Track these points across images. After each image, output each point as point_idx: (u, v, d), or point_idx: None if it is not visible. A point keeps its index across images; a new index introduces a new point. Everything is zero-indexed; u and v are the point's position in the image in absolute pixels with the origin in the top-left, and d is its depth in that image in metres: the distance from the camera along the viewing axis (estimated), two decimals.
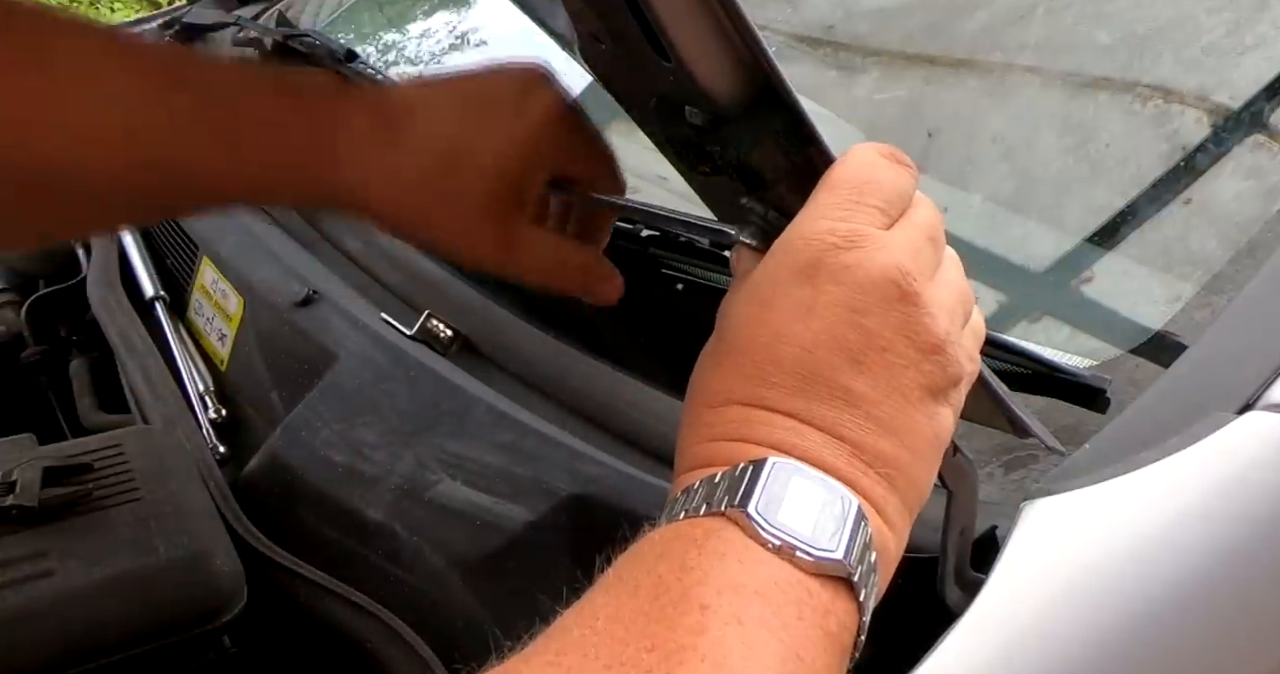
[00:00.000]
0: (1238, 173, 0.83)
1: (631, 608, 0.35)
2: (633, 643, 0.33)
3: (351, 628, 0.71)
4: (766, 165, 0.45)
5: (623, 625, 0.34)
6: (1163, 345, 0.72)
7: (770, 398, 0.41)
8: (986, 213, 0.92)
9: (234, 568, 0.72)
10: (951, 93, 1.05)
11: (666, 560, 0.36)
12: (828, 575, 0.37)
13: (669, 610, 0.34)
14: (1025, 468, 0.64)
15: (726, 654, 0.33)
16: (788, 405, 0.40)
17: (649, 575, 0.36)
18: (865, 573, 0.38)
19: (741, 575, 0.36)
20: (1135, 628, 0.53)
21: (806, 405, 0.40)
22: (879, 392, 0.41)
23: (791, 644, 0.35)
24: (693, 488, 0.40)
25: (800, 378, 0.40)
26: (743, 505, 0.37)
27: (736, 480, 0.38)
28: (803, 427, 0.40)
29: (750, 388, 0.41)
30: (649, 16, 0.41)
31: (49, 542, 0.70)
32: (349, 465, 0.78)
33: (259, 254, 0.96)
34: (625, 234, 0.80)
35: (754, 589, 0.35)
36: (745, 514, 0.37)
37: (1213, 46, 0.93)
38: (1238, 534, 0.55)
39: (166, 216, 0.66)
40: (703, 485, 0.39)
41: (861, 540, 0.38)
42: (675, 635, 0.34)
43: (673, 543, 0.37)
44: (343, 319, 0.86)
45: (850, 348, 0.40)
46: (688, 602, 0.35)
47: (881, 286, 0.41)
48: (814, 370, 0.40)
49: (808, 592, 0.37)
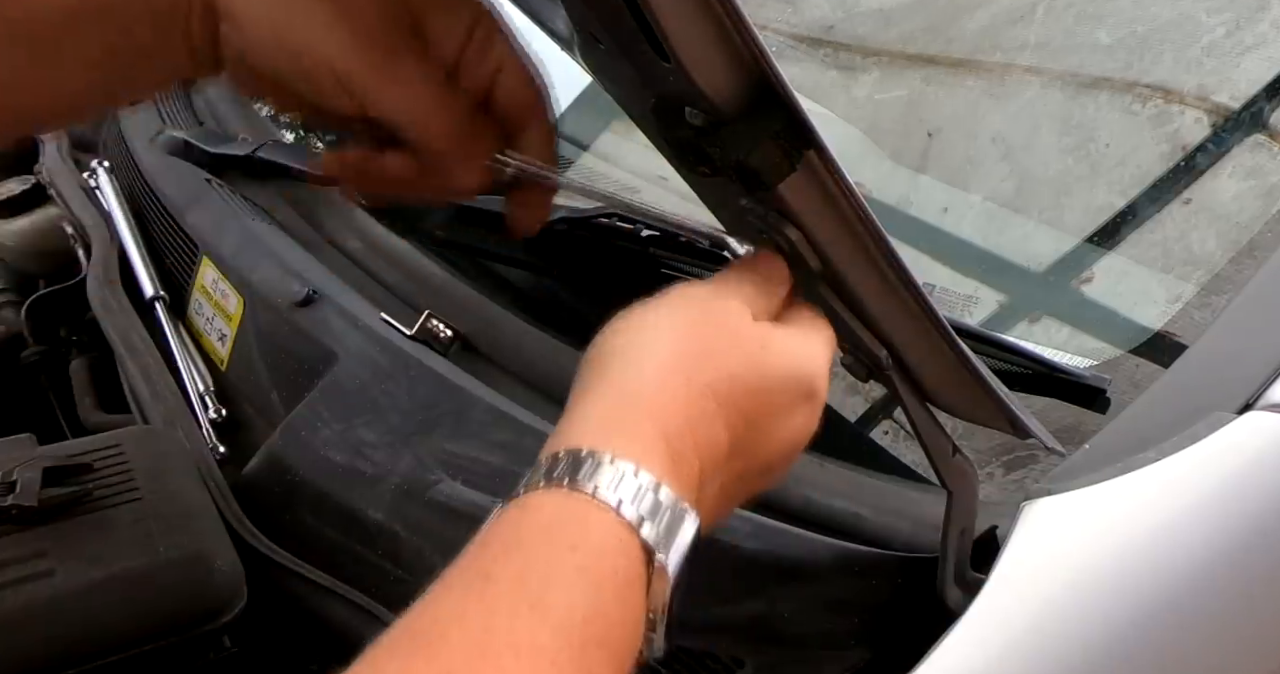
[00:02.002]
0: (1238, 173, 0.83)
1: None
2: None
3: (351, 628, 0.71)
4: (766, 166, 0.45)
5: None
6: (1163, 345, 0.72)
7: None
8: (986, 213, 0.92)
9: (234, 568, 0.72)
10: (951, 93, 1.05)
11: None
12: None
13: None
14: (1025, 468, 0.64)
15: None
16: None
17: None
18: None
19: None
20: (1135, 628, 0.53)
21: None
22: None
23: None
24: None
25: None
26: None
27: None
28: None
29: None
30: (649, 17, 0.41)
31: (49, 542, 0.70)
32: (349, 465, 0.78)
33: (259, 254, 0.96)
34: (625, 234, 0.80)
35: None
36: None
37: (1213, 46, 0.93)
38: (1238, 534, 0.55)
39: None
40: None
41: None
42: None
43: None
44: (343, 319, 0.86)
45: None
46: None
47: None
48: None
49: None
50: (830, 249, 0.49)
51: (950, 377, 0.52)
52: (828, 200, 0.47)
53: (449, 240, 1.01)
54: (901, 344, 0.51)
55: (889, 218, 0.86)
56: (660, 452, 0.42)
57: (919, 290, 0.48)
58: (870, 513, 0.63)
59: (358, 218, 1.01)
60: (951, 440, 0.54)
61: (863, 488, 0.65)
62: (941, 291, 0.85)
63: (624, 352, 0.46)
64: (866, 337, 0.51)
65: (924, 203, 0.95)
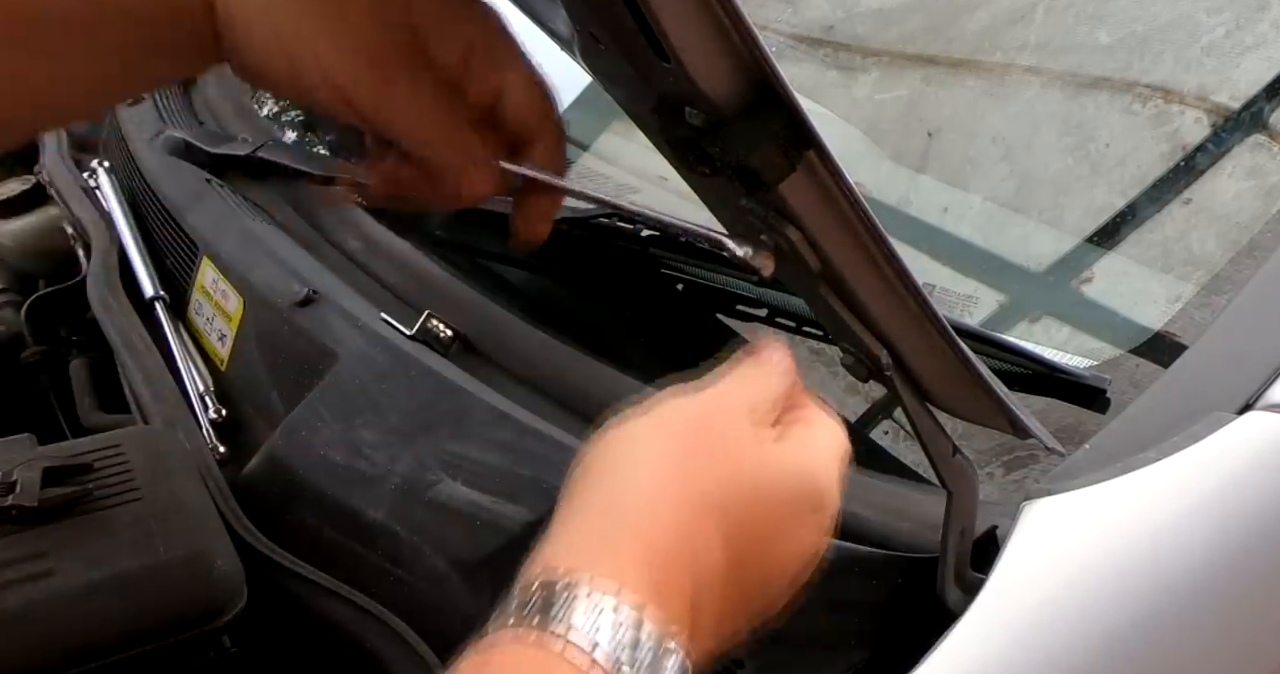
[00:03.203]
0: (1238, 173, 0.83)
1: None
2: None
3: (351, 628, 0.71)
4: (766, 166, 0.45)
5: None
6: (1163, 345, 0.72)
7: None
8: (986, 213, 0.92)
9: (234, 568, 0.72)
10: (951, 93, 1.05)
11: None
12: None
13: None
14: (1025, 468, 0.64)
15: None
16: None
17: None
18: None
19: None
20: (1135, 628, 0.53)
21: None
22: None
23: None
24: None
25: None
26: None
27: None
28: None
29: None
30: (648, 17, 0.41)
31: (49, 542, 0.70)
32: (349, 465, 0.78)
33: (259, 254, 0.96)
34: (625, 234, 0.80)
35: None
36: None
37: (1213, 46, 0.93)
38: (1238, 534, 0.55)
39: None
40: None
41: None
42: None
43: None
44: (343, 319, 0.86)
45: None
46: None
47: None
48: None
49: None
50: (830, 249, 0.49)
51: (950, 377, 0.52)
52: (828, 200, 0.47)
53: (449, 240, 1.01)
54: (901, 344, 0.51)
55: (889, 218, 0.86)
56: (645, 578, 0.39)
57: (919, 290, 0.48)
58: (870, 513, 0.63)
59: (358, 218, 1.01)
60: (951, 440, 0.54)
61: (863, 488, 0.65)
62: (941, 291, 0.86)
63: (614, 464, 0.44)
64: (866, 337, 0.51)
65: (924, 203, 0.95)
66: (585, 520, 0.42)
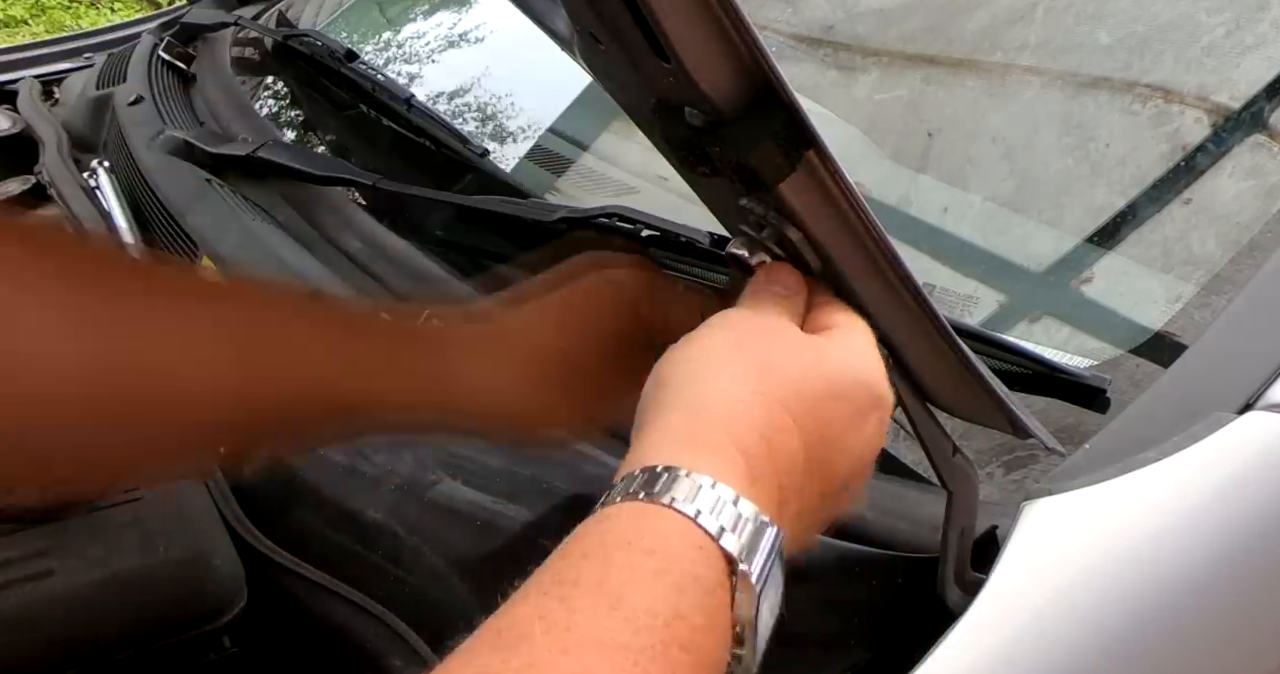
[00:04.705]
0: (1238, 173, 0.83)
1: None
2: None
3: (351, 628, 0.71)
4: (766, 166, 0.45)
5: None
6: (1163, 345, 0.72)
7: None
8: (986, 213, 0.92)
9: (234, 568, 0.72)
10: (951, 93, 1.05)
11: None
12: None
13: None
14: (1025, 468, 0.64)
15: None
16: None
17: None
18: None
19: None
20: (1135, 628, 0.53)
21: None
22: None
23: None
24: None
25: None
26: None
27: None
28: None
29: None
30: (649, 17, 0.41)
31: (49, 542, 0.70)
32: (349, 465, 0.77)
33: (259, 254, 0.96)
34: (625, 234, 0.80)
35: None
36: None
37: (1213, 46, 0.93)
38: (1238, 534, 0.55)
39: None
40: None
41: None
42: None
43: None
44: None
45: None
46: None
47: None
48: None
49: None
50: (830, 249, 0.49)
51: (950, 376, 0.52)
52: (828, 200, 0.47)
53: (449, 240, 1.01)
54: (901, 344, 0.51)
55: (889, 218, 0.86)
56: (739, 466, 0.41)
57: (919, 290, 0.48)
58: (871, 513, 0.63)
59: (358, 218, 1.01)
60: (951, 440, 0.54)
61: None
62: (941, 291, 0.85)
63: (689, 374, 0.45)
64: None
65: (924, 203, 0.95)
66: (672, 424, 0.44)
